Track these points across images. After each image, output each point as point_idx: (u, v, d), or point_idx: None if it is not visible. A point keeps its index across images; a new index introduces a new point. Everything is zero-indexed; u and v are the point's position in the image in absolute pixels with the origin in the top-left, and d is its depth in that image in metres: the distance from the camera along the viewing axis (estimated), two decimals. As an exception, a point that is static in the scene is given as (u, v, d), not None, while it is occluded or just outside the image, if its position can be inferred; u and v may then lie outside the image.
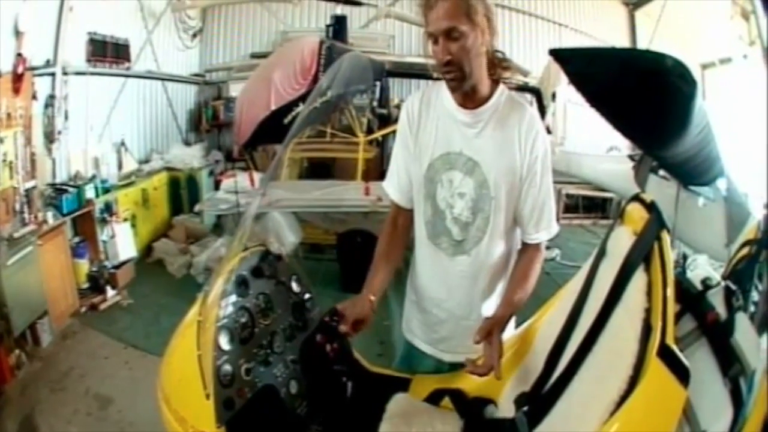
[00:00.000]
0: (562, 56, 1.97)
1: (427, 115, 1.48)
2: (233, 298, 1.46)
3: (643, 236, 1.11)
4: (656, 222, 1.12)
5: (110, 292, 4.33)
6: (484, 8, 1.29)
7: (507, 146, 1.40)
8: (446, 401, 1.47)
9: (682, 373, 0.85)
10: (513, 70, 1.49)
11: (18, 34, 3.74)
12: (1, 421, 2.86)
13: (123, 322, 4.03)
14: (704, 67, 6.15)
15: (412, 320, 1.68)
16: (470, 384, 1.46)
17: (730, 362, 0.92)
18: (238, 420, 1.29)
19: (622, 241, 1.17)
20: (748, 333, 0.97)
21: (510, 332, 1.56)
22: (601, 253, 1.25)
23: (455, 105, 1.42)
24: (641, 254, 1.07)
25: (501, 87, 1.43)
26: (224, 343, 1.37)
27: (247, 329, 1.46)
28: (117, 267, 4.55)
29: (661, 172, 3.08)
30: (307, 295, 1.72)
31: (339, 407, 1.53)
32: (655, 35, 5.40)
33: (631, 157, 3.94)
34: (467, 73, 1.33)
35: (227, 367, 1.34)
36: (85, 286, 4.31)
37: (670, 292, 0.96)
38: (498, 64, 1.41)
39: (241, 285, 1.50)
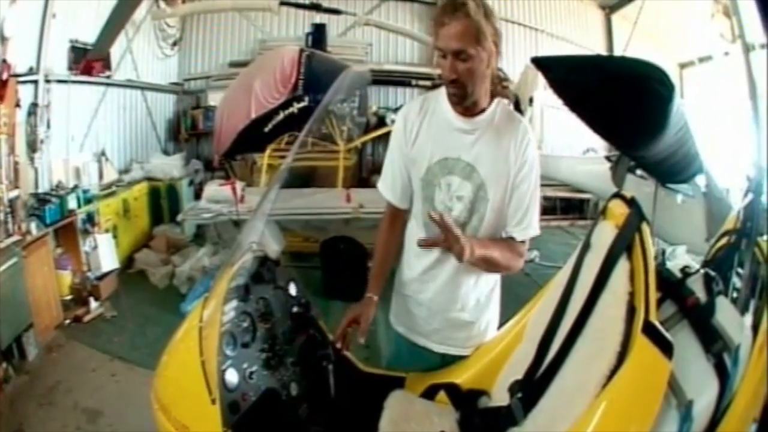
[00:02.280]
0: (543, 64, 2.06)
1: (425, 122, 1.55)
2: (235, 303, 1.49)
3: (625, 228, 1.20)
4: (636, 215, 1.22)
5: (93, 303, 4.25)
6: (493, 33, 1.37)
7: (502, 153, 1.49)
8: (441, 395, 1.53)
9: (665, 347, 0.94)
10: (509, 83, 1.58)
11: (3, 39, 3.68)
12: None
13: (108, 334, 3.97)
14: (683, 66, 6.34)
15: (402, 314, 1.74)
16: (464, 378, 1.53)
17: (712, 340, 1.00)
18: (244, 423, 1.31)
19: (605, 234, 1.27)
20: (729, 313, 1.06)
21: (495, 327, 1.68)
22: (586, 247, 1.34)
23: (454, 113, 1.50)
24: (623, 244, 1.17)
25: (497, 100, 1.52)
26: (228, 347, 1.39)
27: (249, 333, 1.50)
28: (100, 278, 4.48)
29: (639, 172, 3.19)
30: (303, 300, 1.77)
31: (339, 408, 1.57)
32: (632, 38, 5.55)
33: (608, 158, 4.06)
34: (469, 93, 1.42)
35: (232, 372, 1.36)
36: (69, 297, 4.24)
37: (651, 276, 1.06)
38: (498, 83, 1.51)
39: (243, 290, 1.54)
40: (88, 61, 4.99)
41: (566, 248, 5.45)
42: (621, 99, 1.65)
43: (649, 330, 0.97)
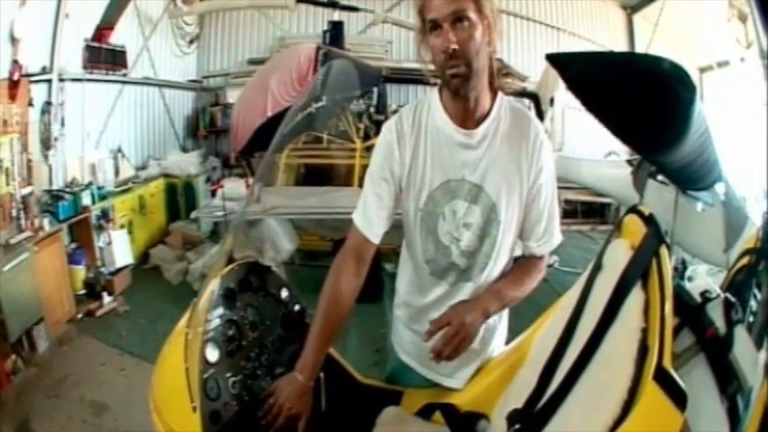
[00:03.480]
0: (559, 61, 1.93)
1: (420, 139, 1.31)
2: (220, 311, 1.45)
3: (641, 251, 1.06)
4: (654, 236, 1.08)
5: (107, 298, 4.32)
6: (491, 7, 1.18)
7: (513, 164, 1.28)
8: (438, 415, 1.44)
9: (679, 398, 0.82)
10: (513, 77, 1.42)
11: (14, 40, 3.76)
12: (-3, 426, 2.86)
13: (119, 329, 4.01)
14: (702, 70, 6.13)
15: (404, 338, 1.58)
16: (462, 399, 1.44)
17: (728, 379, 0.89)
18: None
19: (619, 255, 1.13)
20: (746, 348, 0.95)
21: (502, 346, 1.53)
22: (598, 267, 1.20)
23: (452, 125, 1.28)
24: (638, 271, 1.03)
25: (500, 96, 1.30)
26: (211, 356, 1.35)
27: (235, 342, 1.45)
28: (114, 273, 4.54)
29: (660, 177, 3.05)
30: (297, 307, 1.70)
31: (330, 420, 1.52)
32: (654, 39, 5.37)
33: (629, 162, 3.93)
34: (473, 70, 1.18)
35: (214, 381, 1.32)
36: (82, 292, 4.30)
37: (668, 311, 0.93)
38: (499, 72, 1.30)
39: (228, 298, 1.49)
40: (99, 30, 5.06)
41: (586, 253, 5.30)
42: (639, 99, 1.51)
43: (662, 377, 0.84)
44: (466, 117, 1.27)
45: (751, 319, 1.03)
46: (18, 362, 3.32)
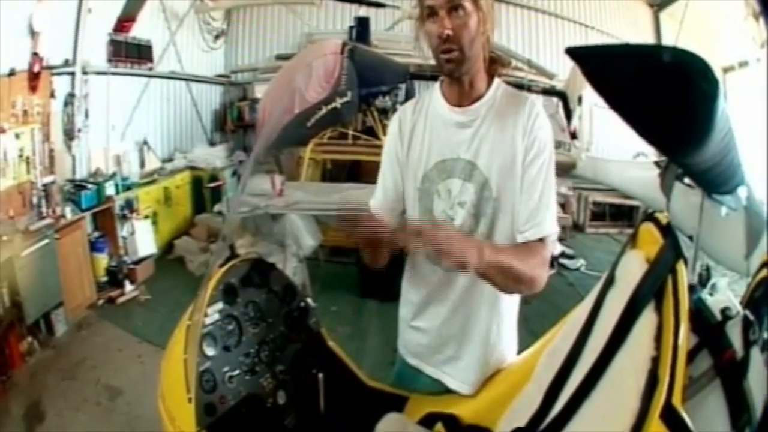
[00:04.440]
0: (579, 55, 1.83)
1: (419, 122, 1.38)
2: (220, 305, 1.46)
3: (656, 267, 0.96)
4: (671, 250, 0.97)
5: (129, 286, 4.42)
6: None
7: (506, 138, 1.27)
8: (440, 426, 1.39)
9: None
10: (508, 66, 1.38)
11: (33, 33, 3.84)
12: (7, 403, 2.94)
13: (139, 317, 4.09)
14: (725, 70, 5.87)
15: (408, 339, 1.54)
16: (467, 410, 1.38)
17: (740, 410, 0.80)
18: (219, 426, 1.30)
19: (632, 268, 1.02)
20: (759, 373, 0.86)
21: (513, 355, 1.47)
22: (610, 280, 1.11)
23: (448, 106, 1.32)
24: (652, 289, 0.92)
25: (497, 81, 1.33)
26: (208, 349, 1.38)
27: (234, 337, 1.46)
28: (136, 263, 4.63)
29: (687, 180, 2.92)
30: (302, 305, 1.68)
31: (330, 421, 1.49)
32: (680, 37, 5.16)
33: (657, 164, 3.77)
34: (467, 55, 1.22)
35: (210, 373, 1.35)
36: (104, 279, 4.40)
37: (683, 338, 0.83)
38: (496, 60, 1.33)
39: (229, 293, 1.49)
40: (120, 23, 5.15)
41: (614, 257, 5.13)
42: (659, 94, 1.40)
43: (670, 417, 0.75)
44: (462, 99, 1.31)
45: (766, 336, 0.93)
46: (34, 344, 3.43)
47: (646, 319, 0.90)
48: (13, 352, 3.23)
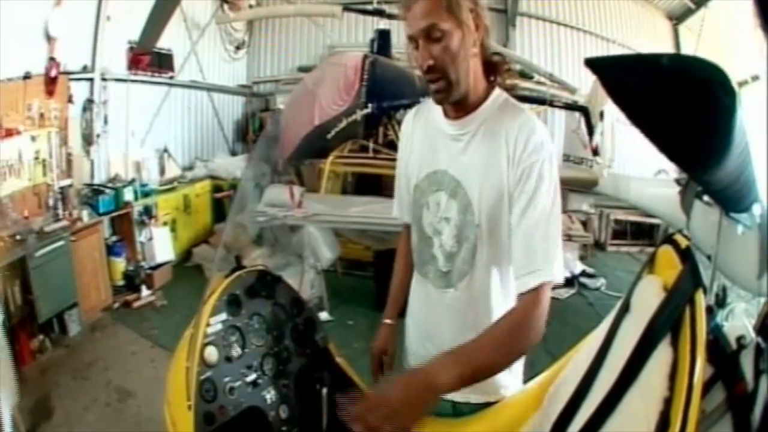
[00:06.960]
0: (598, 66, 1.78)
1: (418, 130, 1.36)
2: (223, 315, 1.46)
3: (673, 296, 0.88)
4: (690, 277, 0.89)
5: (145, 291, 4.48)
6: (470, 1, 1.12)
7: (493, 160, 1.16)
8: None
9: None
10: (514, 74, 1.31)
11: (50, 39, 3.94)
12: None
13: (154, 322, 4.12)
14: (740, 84, 5.72)
15: (409, 353, 1.53)
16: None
17: None
18: None
19: (648, 297, 0.94)
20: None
21: (518, 384, 1.39)
22: (625, 308, 1.03)
23: (443, 116, 1.26)
24: (668, 321, 0.85)
25: (497, 91, 1.22)
26: (210, 358, 1.38)
27: (236, 348, 1.46)
28: (154, 268, 4.70)
29: (705, 198, 2.83)
30: (308, 318, 1.66)
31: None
32: (698, 51, 5.05)
33: (677, 182, 3.68)
34: (453, 81, 1.14)
35: (210, 383, 1.35)
36: (121, 283, 4.48)
37: (698, 377, 0.77)
38: (497, 67, 1.23)
39: (233, 304, 1.49)
40: (135, 55, 5.22)
41: (633, 277, 5.00)
42: (678, 104, 1.35)
43: None
44: (456, 109, 1.23)
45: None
46: (46, 342, 3.48)
47: (661, 355, 0.83)
48: (24, 349, 3.28)
